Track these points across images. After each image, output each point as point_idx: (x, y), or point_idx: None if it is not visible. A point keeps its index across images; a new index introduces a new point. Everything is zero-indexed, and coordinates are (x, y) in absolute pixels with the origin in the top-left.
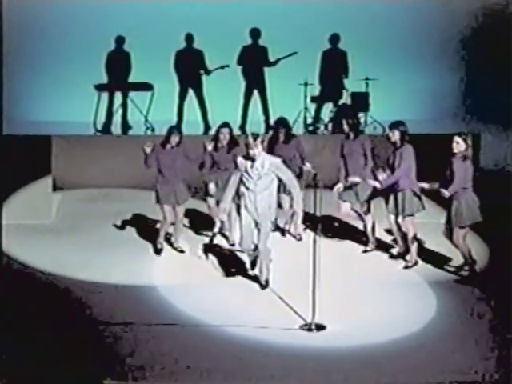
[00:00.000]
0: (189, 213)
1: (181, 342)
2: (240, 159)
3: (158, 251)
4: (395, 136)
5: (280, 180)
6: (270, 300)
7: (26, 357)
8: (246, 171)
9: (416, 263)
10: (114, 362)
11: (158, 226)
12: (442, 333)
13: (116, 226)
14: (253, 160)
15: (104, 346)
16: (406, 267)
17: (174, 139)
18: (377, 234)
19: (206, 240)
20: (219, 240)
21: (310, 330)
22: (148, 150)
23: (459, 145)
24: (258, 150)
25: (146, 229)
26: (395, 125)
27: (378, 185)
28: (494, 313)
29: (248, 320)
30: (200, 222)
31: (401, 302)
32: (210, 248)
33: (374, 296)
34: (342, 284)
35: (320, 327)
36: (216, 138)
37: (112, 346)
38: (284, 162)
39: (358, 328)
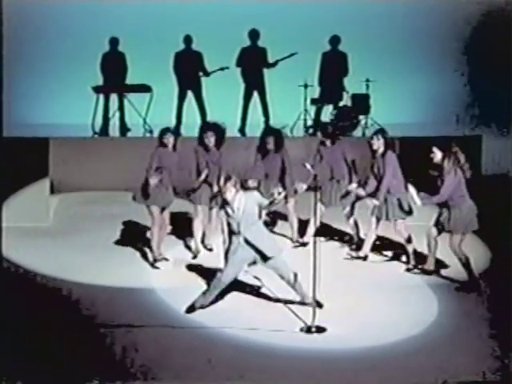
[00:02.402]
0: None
1: (180, 343)
2: (221, 212)
3: (155, 262)
4: (377, 144)
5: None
6: (270, 302)
7: (25, 359)
8: (228, 216)
9: (416, 266)
10: (113, 364)
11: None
12: (443, 335)
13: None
14: (228, 203)
15: (102, 348)
16: (408, 270)
17: (169, 140)
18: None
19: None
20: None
21: (310, 332)
22: (153, 182)
23: (435, 154)
24: (230, 194)
25: (144, 231)
26: (377, 133)
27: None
28: (494, 315)
29: (248, 322)
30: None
31: (402, 305)
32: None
33: (374, 298)
34: (343, 286)
35: (320, 329)
36: (201, 140)
37: (110, 348)
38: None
39: (358, 330)
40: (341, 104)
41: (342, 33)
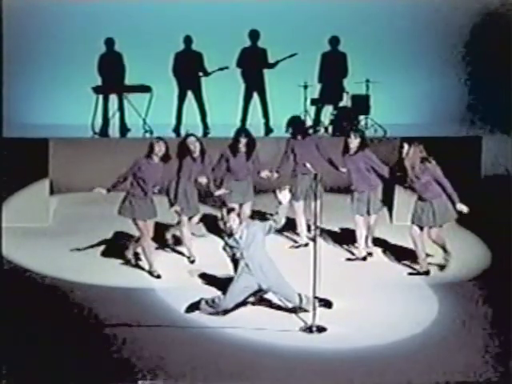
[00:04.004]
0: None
1: (181, 343)
2: (224, 243)
3: (158, 276)
4: (354, 143)
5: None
6: (271, 302)
7: (25, 359)
8: (231, 246)
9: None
10: (113, 364)
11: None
12: (443, 334)
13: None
14: (232, 234)
15: (102, 348)
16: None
17: (160, 149)
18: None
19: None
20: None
21: (310, 331)
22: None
23: (404, 150)
24: (235, 224)
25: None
26: (355, 132)
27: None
28: (494, 314)
29: (249, 322)
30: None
31: (402, 304)
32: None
33: (375, 298)
34: (343, 286)
35: (321, 329)
36: (187, 151)
37: (110, 348)
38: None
39: (358, 330)
40: (341, 104)
41: (342, 33)
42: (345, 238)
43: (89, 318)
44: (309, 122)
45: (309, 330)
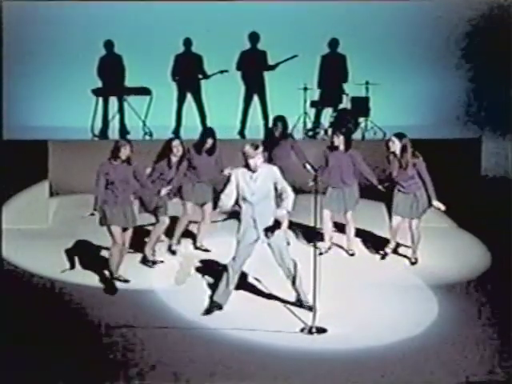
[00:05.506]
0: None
1: (180, 345)
2: (240, 171)
3: (125, 280)
4: (337, 141)
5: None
6: (271, 303)
7: (24, 359)
8: (245, 182)
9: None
10: (113, 364)
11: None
12: (443, 335)
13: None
14: (252, 171)
15: (102, 348)
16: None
17: (124, 152)
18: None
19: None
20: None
21: (310, 332)
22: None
23: (394, 144)
24: (259, 161)
25: (143, 233)
26: (335, 131)
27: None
28: (494, 314)
29: (249, 323)
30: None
31: (402, 305)
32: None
33: (374, 298)
34: (343, 287)
35: (321, 330)
36: (168, 153)
37: (110, 350)
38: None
39: (359, 331)
40: (340, 107)
41: (341, 35)
42: (341, 237)
43: (88, 318)
44: (309, 125)
45: (309, 331)
